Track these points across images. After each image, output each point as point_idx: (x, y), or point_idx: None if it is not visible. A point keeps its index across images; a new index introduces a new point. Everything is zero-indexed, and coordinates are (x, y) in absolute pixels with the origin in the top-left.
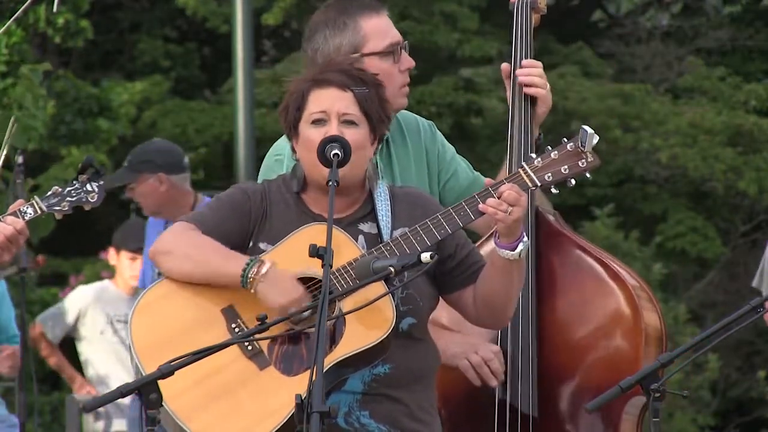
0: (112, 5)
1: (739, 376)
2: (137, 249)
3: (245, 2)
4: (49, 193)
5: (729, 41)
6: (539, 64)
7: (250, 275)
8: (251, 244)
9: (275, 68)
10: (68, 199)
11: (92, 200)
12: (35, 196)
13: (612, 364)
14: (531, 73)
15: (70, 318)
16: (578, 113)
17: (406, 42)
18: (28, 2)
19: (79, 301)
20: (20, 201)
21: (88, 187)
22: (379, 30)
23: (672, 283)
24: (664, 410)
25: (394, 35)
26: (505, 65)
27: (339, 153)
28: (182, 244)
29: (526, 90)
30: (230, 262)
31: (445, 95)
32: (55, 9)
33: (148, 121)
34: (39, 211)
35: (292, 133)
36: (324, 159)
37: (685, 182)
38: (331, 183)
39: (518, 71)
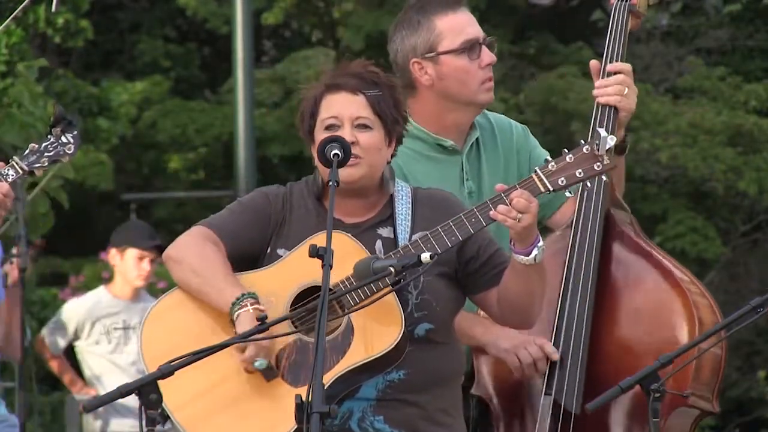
0: (112, 5)
1: (739, 376)
2: (150, 247)
3: (245, 2)
4: (27, 151)
5: (729, 41)
6: (620, 74)
7: (234, 314)
8: (269, 250)
9: (275, 68)
10: (46, 154)
11: (69, 152)
12: (15, 157)
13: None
14: (605, 92)
15: (67, 335)
16: (578, 113)
17: (492, 38)
18: (26, 2)
19: (75, 316)
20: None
21: (63, 139)
22: (453, 27)
23: None
24: None
25: (471, 32)
26: (594, 62)
27: (339, 153)
28: (191, 255)
29: (598, 100)
30: (224, 293)
31: None
32: (54, 8)
33: (149, 121)
34: (20, 171)
35: (309, 139)
36: (324, 159)
37: (685, 182)
38: (331, 183)
39: (596, 84)
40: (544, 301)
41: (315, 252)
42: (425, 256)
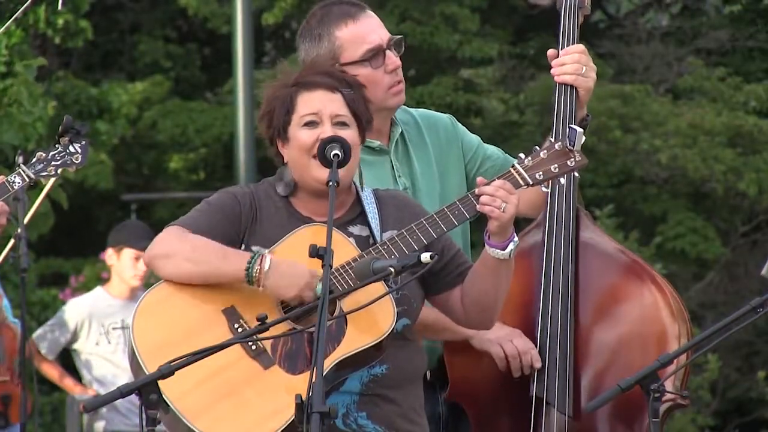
0: (113, 6)
1: (738, 376)
2: (146, 247)
3: (245, 3)
4: (34, 159)
5: (729, 41)
6: (575, 54)
7: (254, 273)
8: (243, 247)
9: (275, 68)
10: (54, 163)
11: (77, 161)
12: (21, 165)
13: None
14: (562, 70)
15: (68, 334)
16: None
17: (398, 38)
18: (27, 3)
19: (75, 316)
20: (2, 177)
21: (71, 148)
22: (354, 38)
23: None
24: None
25: (373, 39)
26: (551, 51)
27: (339, 153)
28: (179, 245)
29: (556, 79)
30: (231, 261)
31: (444, 95)
32: (60, 7)
33: (149, 122)
34: (27, 179)
35: (280, 136)
36: (324, 159)
37: (685, 183)
38: (331, 183)
39: (553, 64)
40: (516, 303)
41: (315, 252)
42: (425, 256)
